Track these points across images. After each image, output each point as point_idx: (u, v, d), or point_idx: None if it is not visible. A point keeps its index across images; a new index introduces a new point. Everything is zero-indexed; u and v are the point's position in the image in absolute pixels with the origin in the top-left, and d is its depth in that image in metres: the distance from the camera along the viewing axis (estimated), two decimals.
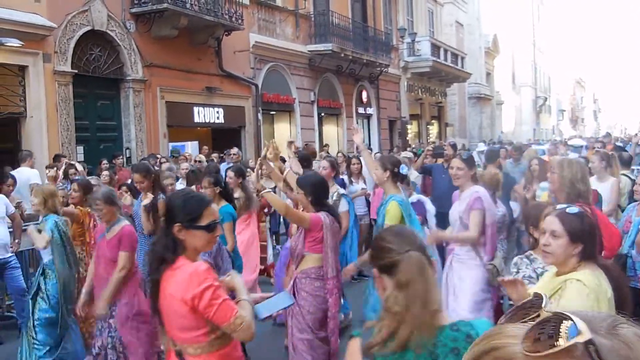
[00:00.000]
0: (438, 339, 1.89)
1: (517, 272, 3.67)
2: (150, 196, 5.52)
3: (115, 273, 4.54)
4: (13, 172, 8.03)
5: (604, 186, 6.52)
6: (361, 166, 8.93)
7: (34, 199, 5.32)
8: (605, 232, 3.74)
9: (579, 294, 2.45)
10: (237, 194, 6.47)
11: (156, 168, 9.77)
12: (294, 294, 4.38)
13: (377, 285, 2.09)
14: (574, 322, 0.73)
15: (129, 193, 6.41)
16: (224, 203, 5.62)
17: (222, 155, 12.67)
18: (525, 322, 0.80)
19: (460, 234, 4.82)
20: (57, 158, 9.81)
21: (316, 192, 4.48)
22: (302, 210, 4.65)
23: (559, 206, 2.90)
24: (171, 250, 2.62)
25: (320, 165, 6.48)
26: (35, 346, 5.01)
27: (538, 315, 0.81)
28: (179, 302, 2.51)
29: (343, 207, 6.29)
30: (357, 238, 7.08)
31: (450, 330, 1.92)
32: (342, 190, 6.83)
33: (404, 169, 5.15)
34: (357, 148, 9.57)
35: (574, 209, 2.72)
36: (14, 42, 10.17)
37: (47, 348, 5.02)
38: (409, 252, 1.97)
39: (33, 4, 10.79)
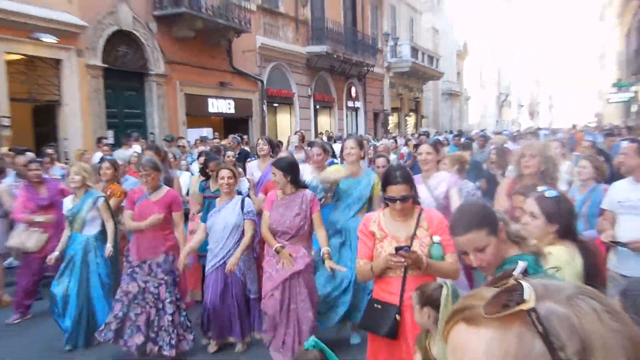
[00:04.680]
0: None
1: None
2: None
3: (179, 230, 4.78)
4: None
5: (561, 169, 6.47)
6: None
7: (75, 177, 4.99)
8: None
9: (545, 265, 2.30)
10: None
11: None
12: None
13: None
14: (525, 290, 0.66)
15: None
16: None
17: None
18: (498, 287, 0.74)
19: None
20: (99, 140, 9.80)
21: (293, 171, 4.22)
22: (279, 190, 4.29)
23: (539, 189, 2.68)
24: None
25: (313, 152, 5.54)
26: None
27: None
28: None
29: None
30: None
31: None
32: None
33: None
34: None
35: (552, 193, 2.56)
36: (49, 38, 10.00)
37: None
38: None
39: (66, 3, 10.54)
